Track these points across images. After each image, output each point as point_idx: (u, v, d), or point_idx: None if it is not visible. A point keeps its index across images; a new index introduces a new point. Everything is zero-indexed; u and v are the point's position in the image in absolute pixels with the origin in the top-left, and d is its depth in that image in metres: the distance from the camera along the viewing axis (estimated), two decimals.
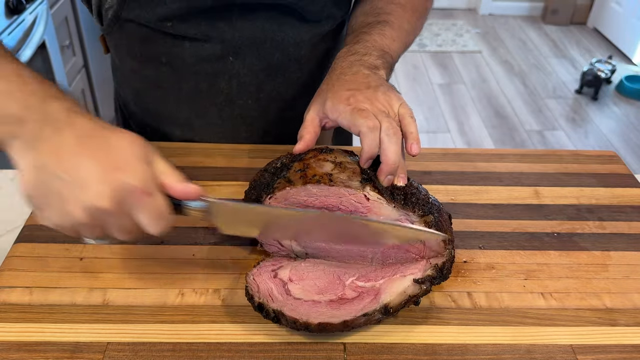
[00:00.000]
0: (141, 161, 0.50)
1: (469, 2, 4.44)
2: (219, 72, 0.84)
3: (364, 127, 0.62)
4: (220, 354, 0.57)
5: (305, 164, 0.64)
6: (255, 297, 0.58)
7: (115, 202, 0.48)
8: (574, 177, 0.84)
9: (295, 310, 0.57)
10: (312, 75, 0.90)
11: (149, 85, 0.89)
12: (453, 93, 3.27)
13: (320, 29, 0.87)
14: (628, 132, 2.94)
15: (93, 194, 0.47)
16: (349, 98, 0.66)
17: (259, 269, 0.62)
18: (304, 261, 0.65)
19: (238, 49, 0.82)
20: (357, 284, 0.61)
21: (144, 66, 0.86)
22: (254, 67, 0.84)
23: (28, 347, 0.57)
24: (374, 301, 0.58)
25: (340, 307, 0.58)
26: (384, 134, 0.62)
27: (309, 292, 0.60)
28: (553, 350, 0.58)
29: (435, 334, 0.60)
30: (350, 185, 0.61)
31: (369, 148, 0.62)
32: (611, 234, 0.74)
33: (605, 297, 0.65)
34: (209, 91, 0.86)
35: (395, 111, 0.66)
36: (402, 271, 0.62)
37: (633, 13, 3.54)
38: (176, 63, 0.83)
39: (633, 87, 3.18)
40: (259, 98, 0.88)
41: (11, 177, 0.84)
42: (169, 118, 0.92)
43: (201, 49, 0.81)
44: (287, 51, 0.85)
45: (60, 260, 0.67)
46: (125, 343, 0.57)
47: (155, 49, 0.82)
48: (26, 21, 1.83)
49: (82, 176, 0.47)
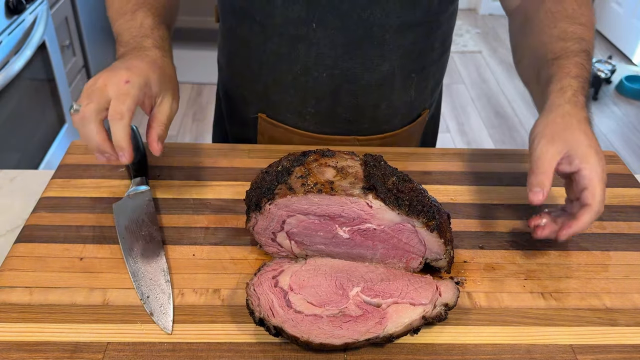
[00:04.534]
0: (141, 79, 0.67)
1: (469, 2, 4.44)
2: (301, 37, 0.84)
3: (596, 203, 0.64)
4: (220, 354, 0.57)
5: (306, 169, 0.64)
6: (256, 312, 0.57)
7: (108, 85, 0.66)
8: None
9: (297, 327, 0.56)
10: (391, 67, 0.87)
11: (240, 44, 0.92)
12: (453, 93, 3.27)
13: (411, 18, 0.83)
14: (628, 132, 2.94)
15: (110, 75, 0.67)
16: (596, 154, 0.65)
17: (259, 278, 0.61)
18: (305, 263, 0.64)
19: (322, 15, 0.82)
20: (361, 297, 0.60)
21: (241, 23, 0.89)
22: (334, 38, 0.84)
23: (28, 347, 0.57)
24: (378, 326, 0.57)
25: (343, 325, 0.57)
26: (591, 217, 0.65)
27: (310, 304, 0.59)
28: (553, 350, 0.58)
29: (435, 333, 0.60)
30: (352, 193, 0.61)
31: (582, 224, 0.65)
32: (611, 234, 0.74)
33: (605, 297, 0.65)
34: (289, 56, 0.87)
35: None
36: (410, 296, 0.60)
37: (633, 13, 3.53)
38: (267, 22, 0.85)
39: (633, 87, 3.18)
40: (333, 74, 0.87)
41: (11, 177, 0.84)
42: (250, 83, 0.95)
43: (290, 9, 0.82)
44: (370, 31, 0.83)
45: (60, 260, 0.67)
46: (125, 343, 0.57)
47: (252, 4, 0.85)
48: (26, 21, 1.83)
49: (114, 68, 0.69)
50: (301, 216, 0.63)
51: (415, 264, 0.65)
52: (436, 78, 0.98)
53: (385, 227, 0.62)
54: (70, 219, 0.73)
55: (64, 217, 0.73)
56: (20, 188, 0.82)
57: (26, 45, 1.78)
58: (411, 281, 0.62)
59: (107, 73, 0.67)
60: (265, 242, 0.67)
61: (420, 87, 0.94)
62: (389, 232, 0.63)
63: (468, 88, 3.32)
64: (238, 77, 0.97)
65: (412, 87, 0.92)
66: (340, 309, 0.58)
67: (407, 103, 0.94)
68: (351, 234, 0.64)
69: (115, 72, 0.67)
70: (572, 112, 0.68)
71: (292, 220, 0.64)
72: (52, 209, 0.74)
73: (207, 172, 0.83)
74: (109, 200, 0.76)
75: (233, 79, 0.99)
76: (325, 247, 0.65)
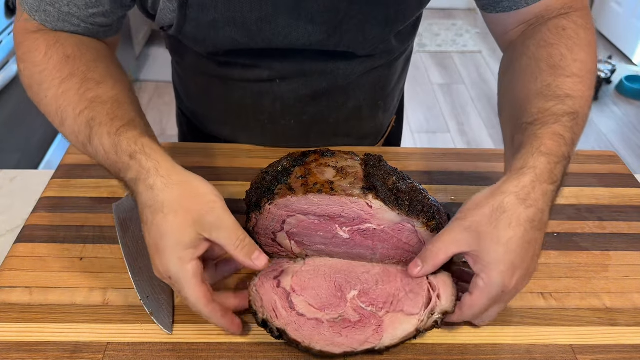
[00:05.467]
0: (179, 249, 0.54)
1: (469, 2, 4.44)
2: (265, 92, 0.83)
3: (468, 311, 0.57)
4: (220, 354, 0.57)
5: (306, 170, 0.64)
6: (259, 313, 0.57)
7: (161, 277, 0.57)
8: (574, 177, 0.84)
9: (299, 331, 0.56)
10: (357, 102, 0.87)
11: (199, 91, 0.90)
12: (453, 93, 3.27)
13: (374, 62, 0.83)
14: (628, 132, 2.94)
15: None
16: (505, 272, 0.54)
17: (261, 279, 0.60)
18: (305, 264, 0.64)
19: (285, 74, 0.81)
20: (358, 302, 0.59)
21: (197, 75, 0.88)
22: (299, 91, 0.83)
23: (28, 347, 0.57)
24: (376, 336, 0.57)
25: (342, 331, 0.57)
26: (484, 317, 0.58)
27: (311, 307, 0.59)
28: (553, 350, 0.58)
29: (435, 334, 0.60)
30: (352, 193, 0.61)
31: (466, 314, 0.57)
32: (611, 234, 0.74)
33: (605, 297, 0.65)
34: (254, 108, 0.86)
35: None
36: (404, 304, 0.59)
37: (633, 13, 3.53)
38: (227, 79, 0.84)
39: (633, 87, 3.18)
40: (302, 120, 0.87)
41: (11, 177, 0.84)
42: (215, 124, 0.93)
43: (249, 72, 0.81)
44: (335, 80, 0.82)
45: (60, 260, 0.67)
46: (125, 343, 0.57)
47: (208, 65, 0.82)
48: None
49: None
50: (301, 216, 0.63)
51: None
52: (401, 88, 0.99)
53: (385, 227, 0.62)
54: (70, 219, 0.73)
55: (64, 217, 0.73)
56: (20, 188, 0.82)
57: None
58: (405, 285, 0.61)
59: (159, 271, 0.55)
60: (265, 242, 0.67)
61: (388, 107, 0.95)
62: (389, 232, 0.63)
63: (468, 88, 3.32)
64: (200, 116, 0.95)
65: (379, 112, 0.93)
66: (339, 314, 0.58)
67: (376, 125, 0.95)
68: (351, 234, 0.64)
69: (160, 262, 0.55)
70: (511, 209, 0.53)
71: (292, 220, 0.64)
72: (52, 209, 0.74)
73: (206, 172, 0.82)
74: (109, 200, 0.76)
75: (195, 115, 0.96)
76: (325, 247, 0.65)
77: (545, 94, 0.60)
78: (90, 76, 0.62)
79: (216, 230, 0.54)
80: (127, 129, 0.58)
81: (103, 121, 0.58)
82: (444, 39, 3.94)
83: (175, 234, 0.53)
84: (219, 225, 0.54)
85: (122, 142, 0.57)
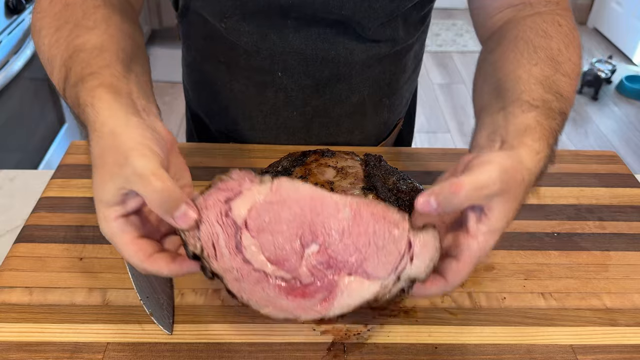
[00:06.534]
0: (102, 207, 0.48)
1: None
2: (268, 83, 0.84)
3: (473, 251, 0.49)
4: (220, 354, 0.57)
5: (306, 170, 0.64)
6: (190, 246, 0.46)
7: None
8: (574, 177, 0.84)
9: (239, 282, 0.47)
10: (361, 97, 0.87)
11: (206, 80, 0.90)
12: (453, 93, 3.27)
13: (378, 51, 0.81)
14: (628, 132, 2.94)
15: None
16: (496, 240, 0.50)
17: (205, 199, 0.48)
18: (270, 192, 0.50)
19: (287, 64, 0.81)
20: (314, 261, 0.49)
21: (204, 60, 0.88)
22: (301, 82, 0.83)
23: (28, 347, 0.57)
24: (325, 304, 0.48)
25: (288, 295, 0.48)
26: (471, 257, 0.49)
27: (262, 256, 0.48)
28: (553, 350, 0.58)
29: (435, 334, 0.60)
30: (352, 193, 0.61)
31: (453, 283, 0.50)
32: (611, 234, 0.74)
33: (605, 297, 0.65)
34: (256, 98, 0.86)
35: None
36: (372, 266, 0.49)
37: (633, 13, 3.53)
38: (231, 64, 0.84)
39: (633, 87, 3.18)
40: (304, 112, 0.87)
41: (11, 177, 0.84)
42: (218, 116, 0.93)
43: (252, 59, 0.81)
44: (337, 70, 0.82)
45: (60, 260, 0.67)
46: (125, 343, 0.57)
47: (215, 47, 0.83)
48: (26, 21, 1.83)
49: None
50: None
51: None
52: (410, 90, 0.98)
53: None
54: (70, 219, 0.73)
55: (63, 217, 0.73)
56: (20, 188, 0.82)
57: (26, 45, 1.78)
58: (377, 238, 0.49)
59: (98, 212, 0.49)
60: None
61: (394, 106, 0.94)
62: None
63: (468, 88, 3.32)
64: (205, 108, 0.96)
65: (384, 110, 0.92)
66: (291, 273, 0.49)
67: (380, 124, 0.94)
68: None
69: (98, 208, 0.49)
70: (526, 186, 0.51)
71: None
72: (52, 208, 0.74)
73: (206, 172, 0.83)
74: None
75: (200, 108, 0.98)
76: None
77: (545, 84, 0.58)
78: (84, 23, 0.59)
79: (134, 182, 0.46)
80: (90, 79, 0.52)
81: (76, 70, 0.54)
82: (444, 39, 3.94)
83: (97, 191, 0.48)
84: (133, 176, 0.46)
85: (81, 93, 0.52)
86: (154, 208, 0.46)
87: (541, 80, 0.58)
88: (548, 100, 0.56)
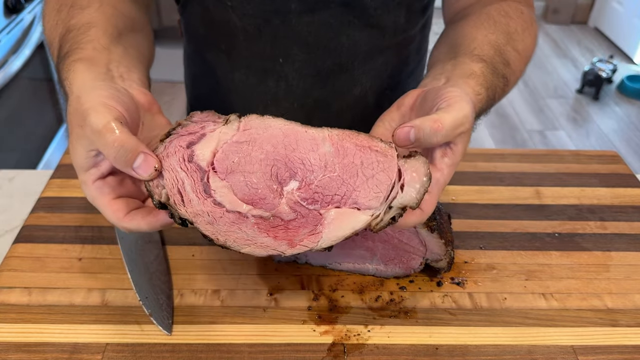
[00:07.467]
0: (79, 172, 0.50)
1: None
2: (269, 70, 0.83)
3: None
4: (219, 354, 0.57)
5: None
6: (155, 195, 0.45)
7: None
8: (575, 177, 0.84)
9: (212, 225, 0.45)
10: (363, 89, 0.86)
11: (206, 71, 0.90)
12: None
13: (379, 42, 0.81)
14: (629, 132, 2.94)
15: None
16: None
17: (167, 146, 0.47)
18: (237, 131, 0.48)
19: (288, 50, 0.80)
20: (296, 197, 0.47)
21: (205, 49, 0.88)
22: (302, 71, 0.82)
23: (27, 347, 0.56)
24: (311, 238, 0.46)
25: (270, 231, 0.46)
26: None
27: (233, 198, 0.46)
28: (554, 350, 0.58)
29: (436, 334, 0.59)
30: None
31: (428, 211, 0.51)
32: (612, 234, 0.74)
33: (607, 297, 0.65)
34: (257, 87, 0.86)
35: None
36: (363, 196, 0.47)
37: (634, 12, 3.53)
38: (232, 53, 0.84)
39: (634, 86, 3.18)
40: (305, 103, 0.86)
41: (10, 177, 0.84)
42: (218, 108, 0.92)
43: (253, 45, 0.81)
44: (339, 60, 0.81)
45: (59, 260, 0.66)
46: (124, 344, 0.57)
47: (216, 34, 0.83)
48: (25, 20, 1.83)
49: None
50: None
51: (415, 265, 0.65)
52: (414, 86, 0.97)
53: None
54: (69, 219, 0.72)
55: (62, 217, 0.73)
56: (19, 188, 0.82)
57: (25, 45, 1.78)
58: (364, 168, 0.48)
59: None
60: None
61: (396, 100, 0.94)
62: (389, 232, 0.62)
63: None
64: (206, 100, 0.95)
65: (385, 104, 0.91)
66: (270, 212, 0.47)
67: None
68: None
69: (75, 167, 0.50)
70: (470, 123, 0.54)
71: None
72: (50, 209, 0.74)
73: None
74: None
75: (201, 101, 0.97)
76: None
77: (496, 49, 0.64)
78: (79, 3, 0.61)
79: (94, 140, 0.47)
80: (72, 54, 0.55)
81: (64, 49, 0.57)
82: None
83: (72, 157, 0.50)
84: (92, 134, 0.46)
85: (63, 69, 0.54)
86: (113, 161, 0.46)
87: (494, 45, 0.64)
88: (496, 61, 0.62)
